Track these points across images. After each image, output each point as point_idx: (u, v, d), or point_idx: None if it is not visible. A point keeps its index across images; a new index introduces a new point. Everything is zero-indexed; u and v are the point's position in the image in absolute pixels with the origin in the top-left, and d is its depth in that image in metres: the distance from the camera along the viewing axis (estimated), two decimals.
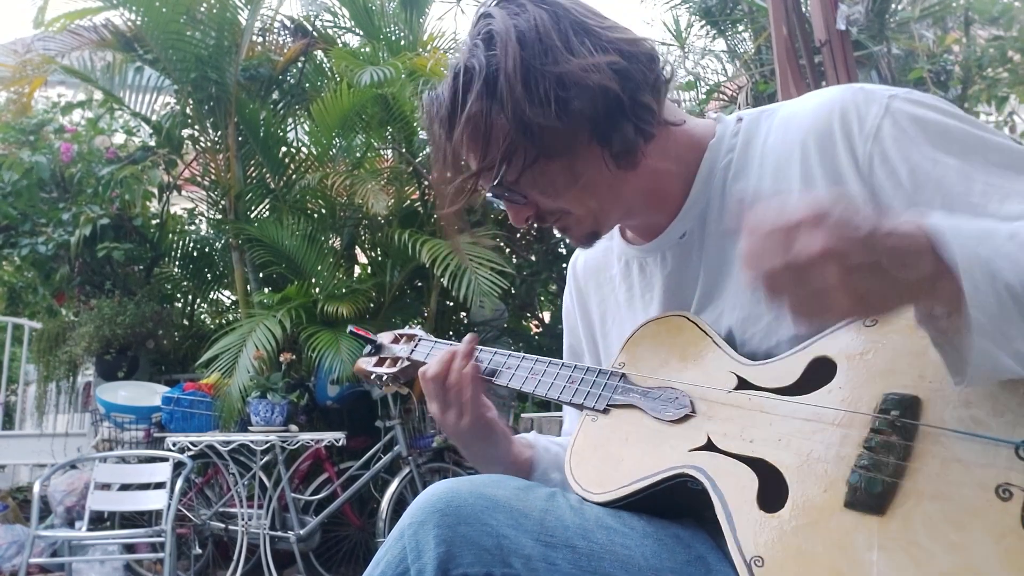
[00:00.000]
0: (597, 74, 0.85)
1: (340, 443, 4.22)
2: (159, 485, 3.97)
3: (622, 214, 0.97)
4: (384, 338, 1.24)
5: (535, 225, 0.96)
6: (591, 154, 0.89)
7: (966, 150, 0.81)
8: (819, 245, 0.62)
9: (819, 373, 0.80)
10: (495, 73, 0.84)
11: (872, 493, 0.70)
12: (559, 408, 1.17)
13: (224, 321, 5.90)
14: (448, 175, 0.91)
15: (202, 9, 5.13)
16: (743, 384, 0.85)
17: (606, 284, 1.12)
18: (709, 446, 0.83)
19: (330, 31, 5.91)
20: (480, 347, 1.09)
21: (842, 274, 0.62)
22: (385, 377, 1.18)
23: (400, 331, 1.25)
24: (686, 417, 0.87)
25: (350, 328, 1.31)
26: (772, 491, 0.76)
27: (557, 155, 0.87)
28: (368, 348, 1.25)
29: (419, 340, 1.22)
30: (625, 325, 1.08)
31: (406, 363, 1.20)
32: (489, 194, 0.93)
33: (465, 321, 5.48)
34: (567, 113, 0.85)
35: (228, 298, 6.22)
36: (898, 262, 0.63)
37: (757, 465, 0.78)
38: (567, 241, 5.19)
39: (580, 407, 0.97)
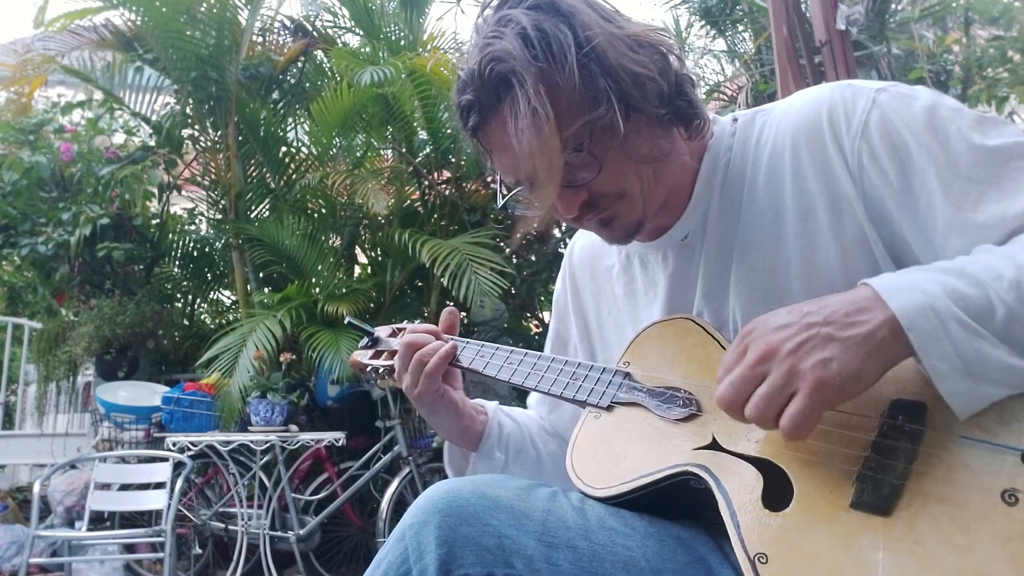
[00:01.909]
0: (656, 35, 0.87)
1: (340, 443, 4.22)
2: (159, 485, 3.97)
3: (661, 204, 0.95)
4: (381, 331, 1.23)
5: (580, 217, 0.91)
6: (665, 122, 0.89)
7: (949, 141, 0.81)
8: (757, 350, 0.71)
9: None
10: (581, 33, 0.82)
11: (878, 494, 0.70)
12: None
13: (224, 321, 5.90)
14: (538, 144, 0.81)
15: (202, 9, 5.13)
16: None
17: (603, 275, 1.12)
18: (714, 445, 0.83)
19: (330, 31, 5.91)
20: (484, 343, 1.10)
21: (790, 361, 0.69)
22: (381, 370, 1.16)
23: (398, 325, 1.24)
24: (691, 416, 0.87)
25: (348, 319, 1.30)
26: (777, 491, 0.76)
27: (648, 111, 0.85)
28: (365, 341, 1.24)
29: None
30: (624, 318, 1.08)
31: None
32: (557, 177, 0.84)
33: (465, 321, 5.48)
34: (655, 66, 0.85)
35: (228, 298, 6.22)
36: (842, 324, 0.69)
37: (762, 465, 0.78)
38: (567, 241, 5.19)
39: (583, 404, 0.97)
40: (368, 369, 1.20)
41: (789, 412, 0.69)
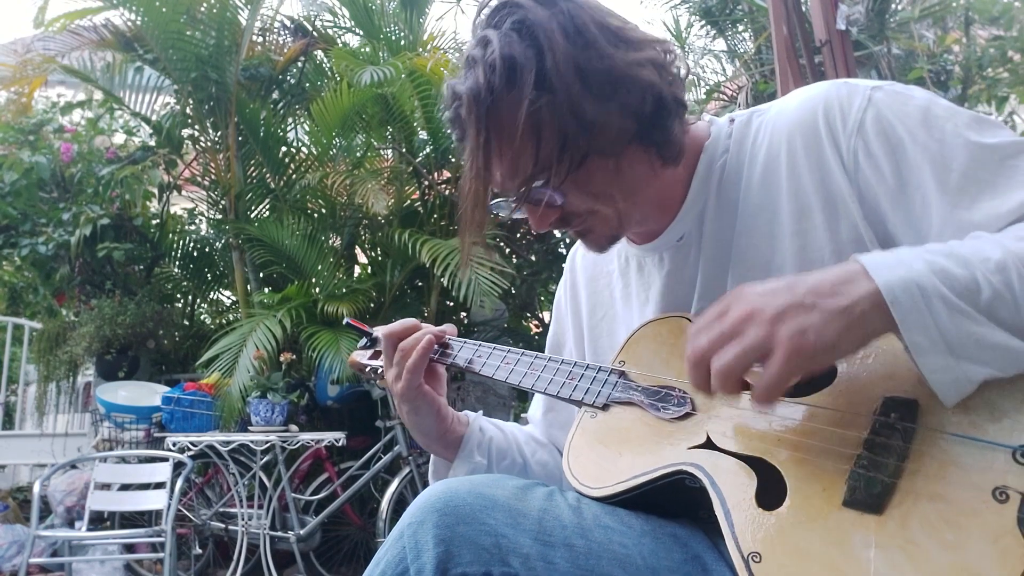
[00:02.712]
0: (642, 68, 0.85)
1: (340, 443, 4.22)
2: (159, 485, 3.97)
3: (642, 216, 0.96)
4: (380, 331, 1.23)
5: (555, 230, 0.95)
6: (636, 152, 0.88)
7: (945, 139, 0.81)
8: (740, 309, 0.71)
9: (819, 375, 0.80)
10: (547, 66, 0.81)
11: (870, 492, 0.70)
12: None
13: (224, 321, 5.90)
14: (490, 175, 0.86)
15: (202, 9, 5.14)
16: (743, 385, 0.85)
17: (601, 278, 1.13)
18: (708, 444, 0.83)
19: (330, 31, 5.91)
20: (481, 343, 1.10)
21: (769, 323, 0.69)
22: (380, 370, 1.17)
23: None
24: (686, 416, 0.87)
25: (347, 320, 1.30)
26: (771, 489, 0.76)
27: (608, 153, 0.85)
28: (363, 341, 1.24)
29: None
30: (618, 321, 1.08)
31: None
32: (512, 199, 0.89)
33: (465, 321, 5.48)
34: (621, 108, 0.84)
35: (228, 298, 6.23)
36: (825, 293, 0.69)
37: (756, 464, 0.79)
38: (567, 241, 5.19)
39: (579, 404, 0.97)
40: (367, 369, 1.20)
41: (763, 377, 0.69)
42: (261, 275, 5.39)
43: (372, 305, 5.07)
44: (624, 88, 0.84)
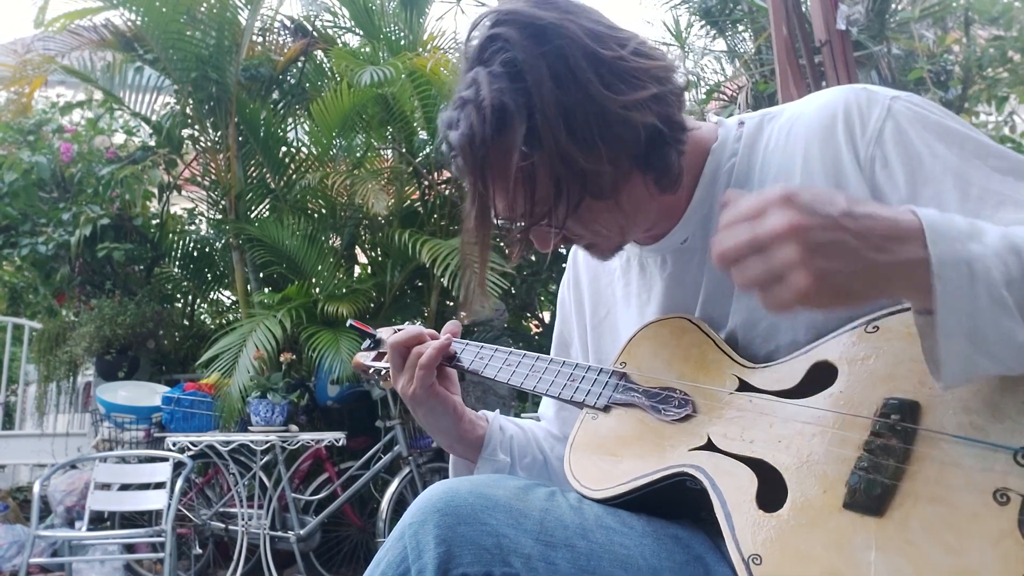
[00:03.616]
0: (638, 111, 0.83)
1: (340, 443, 4.22)
2: (159, 485, 3.97)
3: (647, 225, 0.96)
4: (384, 333, 1.22)
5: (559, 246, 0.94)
6: (635, 183, 0.88)
7: (965, 153, 0.81)
8: (782, 221, 0.63)
9: (820, 377, 0.80)
10: (536, 120, 0.80)
11: (871, 495, 0.70)
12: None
13: (224, 321, 5.90)
14: (489, 218, 0.87)
15: (202, 9, 5.14)
16: (744, 386, 0.85)
17: (604, 276, 1.13)
18: (709, 446, 0.83)
19: (330, 31, 5.91)
20: (483, 344, 1.10)
21: (804, 252, 0.62)
22: (384, 372, 1.16)
23: (400, 327, 1.24)
24: (687, 417, 0.87)
25: (350, 322, 1.29)
26: (771, 491, 0.76)
27: (604, 195, 0.85)
28: (367, 342, 1.23)
29: None
30: (619, 321, 1.08)
31: None
32: (514, 232, 0.90)
33: (465, 322, 5.48)
34: (614, 154, 0.83)
35: (228, 298, 6.23)
36: (873, 245, 0.63)
37: (757, 466, 0.79)
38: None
39: (580, 405, 0.97)
40: (371, 371, 1.20)
41: (773, 294, 0.65)
42: (261, 275, 5.39)
43: (372, 305, 5.07)
44: (618, 130, 0.83)
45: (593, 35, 0.84)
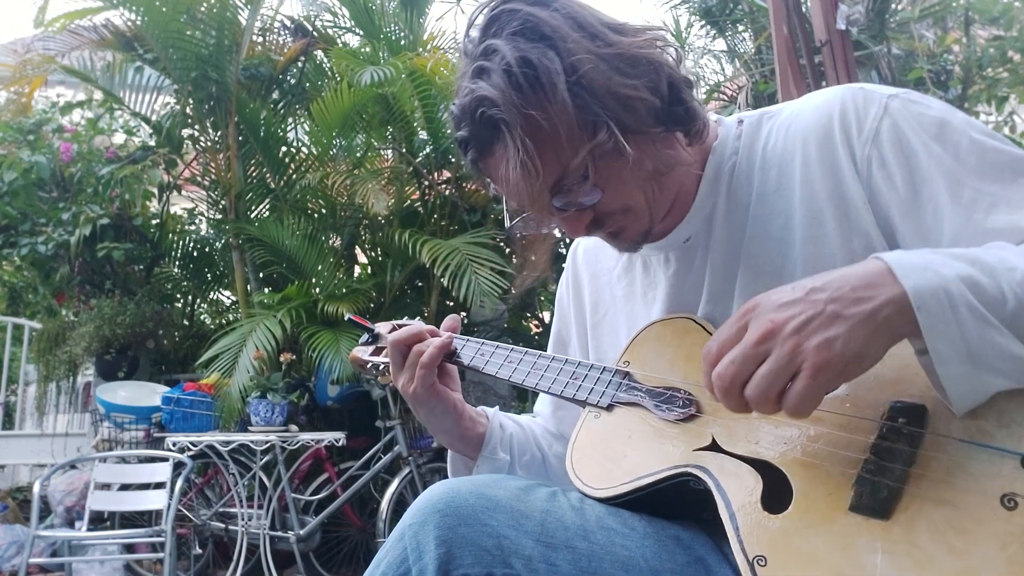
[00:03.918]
0: (650, 49, 0.85)
1: (340, 443, 4.22)
2: (159, 485, 3.97)
3: (667, 209, 0.95)
4: (382, 328, 1.22)
5: (587, 234, 0.93)
6: (663, 134, 0.88)
7: (961, 152, 0.81)
8: (762, 325, 0.68)
9: None
10: (568, 59, 0.80)
11: (877, 497, 0.70)
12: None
13: (224, 321, 5.90)
14: (538, 172, 0.82)
15: (202, 9, 5.13)
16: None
17: (603, 275, 1.12)
18: (713, 447, 0.83)
19: (330, 31, 5.91)
20: (484, 341, 1.10)
21: (796, 337, 0.66)
22: (382, 367, 1.15)
23: (399, 321, 1.23)
24: (691, 417, 0.87)
25: (348, 316, 1.28)
26: (776, 493, 0.76)
27: (642, 131, 0.84)
28: (365, 337, 1.23)
29: None
30: (619, 320, 1.08)
31: None
32: (557, 204, 0.87)
33: (465, 321, 5.48)
34: (645, 85, 0.84)
35: (228, 298, 6.22)
36: (850, 300, 0.66)
37: (761, 467, 0.78)
38: (566, 241, 5.19)
39: (583, 404, 0.96)
40: (368, 366, 1.19)
41: (792, 392, 0.67)
42: (261, 275, 5.39)
43: (372, 305, 5.07)
44: (641, 67, 0.84)
45: (587, 4, 0.87)
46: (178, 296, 6.03)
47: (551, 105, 0.80)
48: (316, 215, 5.48)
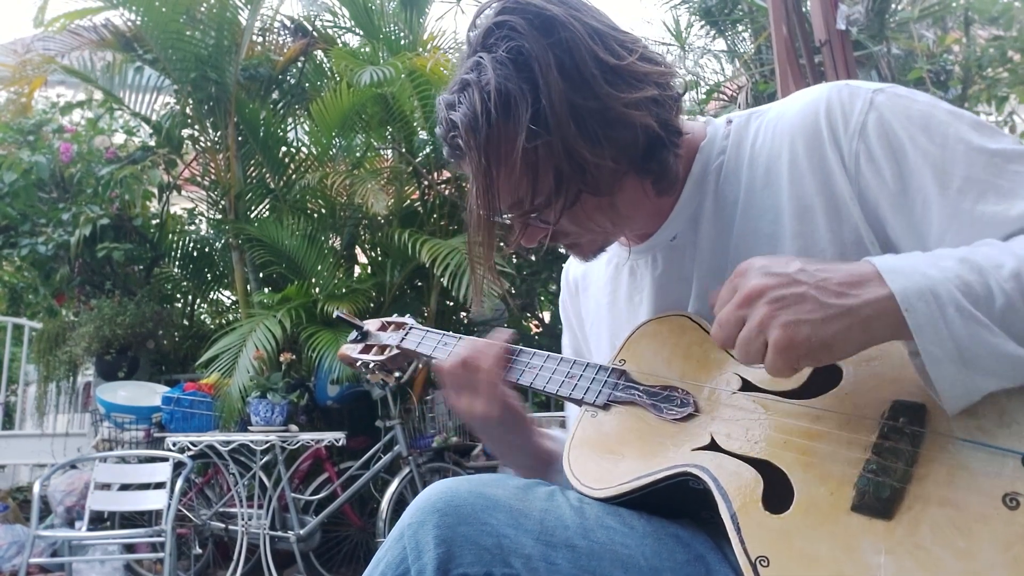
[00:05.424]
0: (638, 111, 0.84)
1: (340, 443, 4.22)
2: (159, 485, 3.97)
3: (637, 228, 0.97)
4: (371, 325, 1.21)
5: (543, 245, 0.94)
6: (632, 185, 0.89)
7: (949, 142, 0.80)
8: (747, 286, 0.71)
9: (824, 377, 0.79)
10: (542, 106, 0.80)
11: (880, 497, 0.70)
12: (560, 407, 1.16)
13: (224, 321, 5.90)
14: (494, 198, 0.85)
15: (202, 9, 5.14)
16: (747, 386, 0.85)
17: (592, 286, 1.13)
18: (713, 446, 0.82)
19: (330, 31, 5.91)
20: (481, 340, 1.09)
21: (770, 308, 0.68)
22: (372, 365, 1.15)
23: (388, 318, 1.22)
24: (689, 416, 0.86)
25: (337, 313, 1.28)
26: (777, 492, 0.75)
27: (602, 192, 0.86)
28: (354, 334, 1.22)
29: (409, 328, 1.19)
30: (603, 329, 1.08)
31: (395, 351, 1.17)
32: (510, 220, 0.88)
33: (465, 321, 5.48)
34: (616, 150, 0.84)
35: (228, 298, 6.23)
36: (832, 292, 0.69)
37: (762, 466, 0.78)
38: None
39: (580, 402, 0.96)
40: (358, 364, 1.18)
41: (766, 359, 0.70)
42: (261, 275, 5.39)
43: (372, 305, 5.07)
44: (619, 129, 0.83)
45: (597, 34, 0.84)
46: (178, 296, 6.03)
47: (513, 145, 0.82)
48: (316, 215, 5.48)
